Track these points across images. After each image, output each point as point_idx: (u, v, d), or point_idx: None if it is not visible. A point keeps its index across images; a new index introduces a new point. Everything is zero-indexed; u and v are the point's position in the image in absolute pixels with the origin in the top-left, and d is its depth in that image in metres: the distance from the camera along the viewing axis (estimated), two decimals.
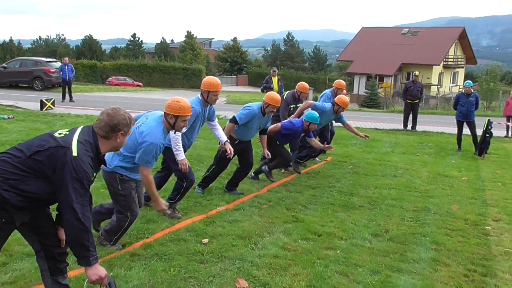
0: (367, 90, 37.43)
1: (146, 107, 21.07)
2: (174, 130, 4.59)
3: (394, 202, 6.77)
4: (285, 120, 7.93)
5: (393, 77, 45.00)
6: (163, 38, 74.04)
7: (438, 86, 44.75)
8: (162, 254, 4.55)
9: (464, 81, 51.59)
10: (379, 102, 35.33)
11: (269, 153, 6.96)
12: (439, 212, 6.42)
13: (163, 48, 69.11)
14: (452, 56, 48.50)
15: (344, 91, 9.41)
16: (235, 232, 5.20)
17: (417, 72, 16.14)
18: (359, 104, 35.92)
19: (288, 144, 8.27)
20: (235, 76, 56.62)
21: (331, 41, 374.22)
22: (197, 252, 4.64)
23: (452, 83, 49.84)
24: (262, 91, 16.34)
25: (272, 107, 6.51)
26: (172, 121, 4.48)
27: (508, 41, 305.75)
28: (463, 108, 11.63)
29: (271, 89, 15.86)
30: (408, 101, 15.46)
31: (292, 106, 8.93)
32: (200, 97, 5.65)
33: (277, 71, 16.49)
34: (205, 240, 4.94)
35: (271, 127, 7.28)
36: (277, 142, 7.52)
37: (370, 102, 35.11)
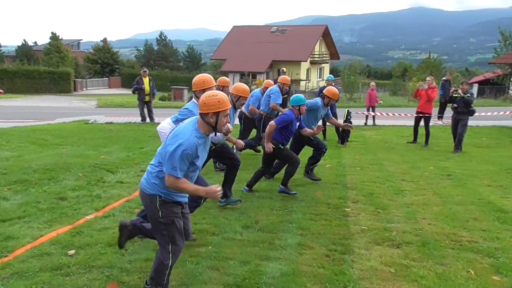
0: None
1: (7, 115, 19.60)
2: (214, 132, 3.77)
3: (264, 194, 7.06)
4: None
5: (265, 73, 46.61)
6: (24, 40, 68.58)
7: (307, 81, 47.33)
8: (23, 272, 4.25)
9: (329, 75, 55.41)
10: None
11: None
12: (305, 199, 6.83)
13: (25, 51, 63.99)
14: (318, 53, 51.60)
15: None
16: (104, 240, 5.03)
17: (284, 69, 16.86)
18: None
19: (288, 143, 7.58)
20: (107, 78, 54.40)
21: (205, 40, 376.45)
22: (62, 265, 4.41)
23: (319, 78, 53.05)
24: (133, 92, 15.97)
25: (243, 99, 6.13)
26: (213, 120, 3.67)
27: (366, 37, 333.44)
28: None
29: (142, 90, 15.57)
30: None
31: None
32: (195, 100, 5.26)
33: (147, 71, 16.20)
34: (71, 252, 4.71)
35: (267, 130, 6.83)
36: (281, 147, 7.00)
37: None
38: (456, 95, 11.67)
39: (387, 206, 6.56)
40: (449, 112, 13.35)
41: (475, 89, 39.44)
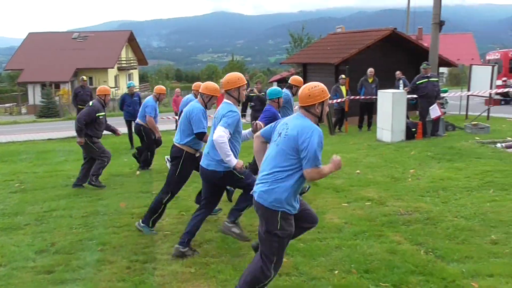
0: (43, 99, 35.39)
1: None
2: (319, 120, 3.80)
3: (63, 212, 6.63)
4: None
5: (69, 83, 43.82)
6: None
7: (116, 89, 45.91)
8: None
9: (139, 81, 54.59)
10: (58, 111, 33.94)
11: None
12: (108, 212, 6.60)
13: None
14: (125, 58, 50.44)
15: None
16: None
17: (84, 77, 16.05)
18: (36, 115, 33.72)
19: None
20: None
21: (0, 48, 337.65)
22: None
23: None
24: None
25: (215, 98, 5.62)
26: (318, 110, 3.74)
27: (175, 41, 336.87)
28: (130, 108, 12.22)
29: None
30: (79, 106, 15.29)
31: None
32: (228, 100, 4.90)
33: None
34: None
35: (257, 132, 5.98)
36: None
37: (48, 112, 33.38)
38: (252, 94, 12.53)
39: (191, 208, 6.69)
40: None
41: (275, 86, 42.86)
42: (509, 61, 22.62)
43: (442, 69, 37.60)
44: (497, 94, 18.83)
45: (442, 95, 15.95)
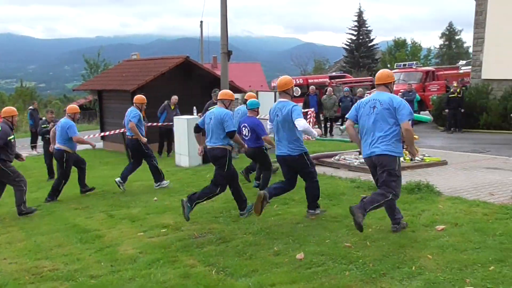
0: None
1: None
2: None
3: None
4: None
5: None
6: None
7: None
8: None
9: None
10: None
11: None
12: None
13: None
14: None
15: None
16: None
17: None
18: None
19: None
20: None
21: None
22: None
23: None
24: None
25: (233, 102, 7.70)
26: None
27: None
28: None
29: None
30: None
31: None
32: (284, 98, 6.30)
33: None
34: None
35: (267, 139, 7.84)
36: (265, 150, 8.06)
37: None
38: (45, 126, 11.72)
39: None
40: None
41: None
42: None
43: (236, 95, 40.25)
44: None
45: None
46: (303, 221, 6.29)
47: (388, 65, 47.53)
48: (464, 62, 27.15)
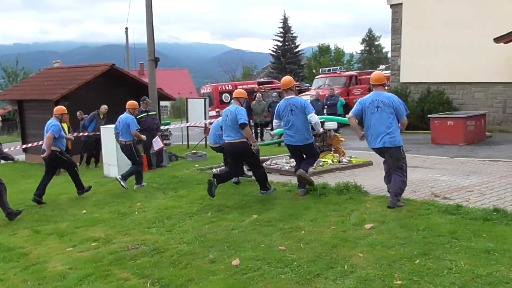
0: None
1: None
2: None
3: None
4: None
5: None
6: None
7: None
8: None
9: None
10: None
11: None
12: None
13: None
14: None
15: None
16: None
17: None
18: None
19: None
20: None
21: None
22: None
23: None
24: None
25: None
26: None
27: None
28: None
29: None
30: None
31: None
32: (289, 95, 7.54)
33: None
34: None
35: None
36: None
37: None
38: None
39: None
40: None
41: None
42: (219, 94, 25.43)
43: (165, 103, 39.73)
44: (211, 124, 20.83)
45: (166, 127, 16.80)
46: (238, 227, 6.30)
47: (314, 71, 49.02)
48: (384, 66, 28.52)
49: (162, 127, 15.20)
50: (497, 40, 14.76)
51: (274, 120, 7.88)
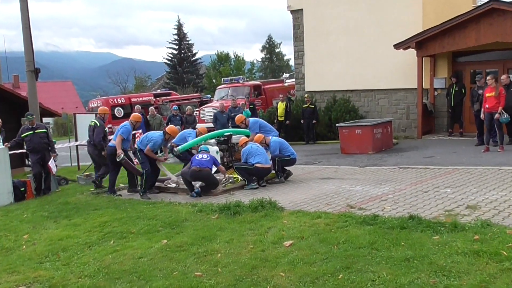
0: None
1: None
2: None
3: None
4: None
5: None
6: None
7: None
8: None
9: None
10: None
11: None
12: None
13: None
14: None
15: None
16: None
17: None
18: None
19: None
20: None
21: None
22: None
23: None
24: None
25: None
26: None
27: None
28: None
29: None
30: None
31: None
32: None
33: None
34: None
35: None
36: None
37: None
38: None
39: None
40: None
41: None
42: (111, 108, 24.64)
43: (46, 119, 37.68)
44: None
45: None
46: (146, 255, 6.17)
47: (214, 80, 49.45)
48: (287, 75, 29.58)
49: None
50: (396, 46, 16.04)
51: None
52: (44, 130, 11.98)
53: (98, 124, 11.26)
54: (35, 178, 11.61)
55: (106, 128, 11.91)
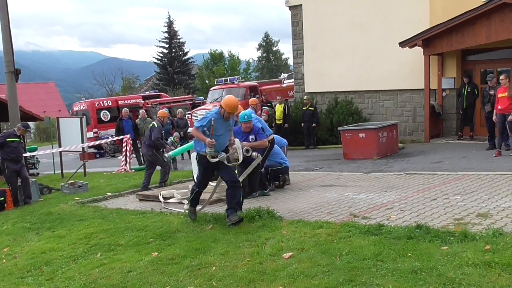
0: None
1: None
2: None
3: None
4: None
5: None
6: None
7: None
8: None
9: None
10: None
11: None
12: None
13: None
14: None
15: None
16: None
17: None
18: None
19: None
20: None
21: None
22: None
23: None
24: None
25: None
26: None
27: None
28: None
29: None
30: None
31: None
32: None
33: None
34: None
35: None
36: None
37: None
38: None
39: None
40: None
41: None
42: (97, 111, 24.69)
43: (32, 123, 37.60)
44: (90, 147, 20.22)
45: (33, 153, 15.97)
46: (136, 268, 6.18)
47: (207, 81, 49.54)
48: (286, 75, 29.67)
49: (27, 154, 14.39)
50: (402, 44, 16.11)
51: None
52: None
53: (156, 125, 12.08)
54: (12, 188, 11.62)
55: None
